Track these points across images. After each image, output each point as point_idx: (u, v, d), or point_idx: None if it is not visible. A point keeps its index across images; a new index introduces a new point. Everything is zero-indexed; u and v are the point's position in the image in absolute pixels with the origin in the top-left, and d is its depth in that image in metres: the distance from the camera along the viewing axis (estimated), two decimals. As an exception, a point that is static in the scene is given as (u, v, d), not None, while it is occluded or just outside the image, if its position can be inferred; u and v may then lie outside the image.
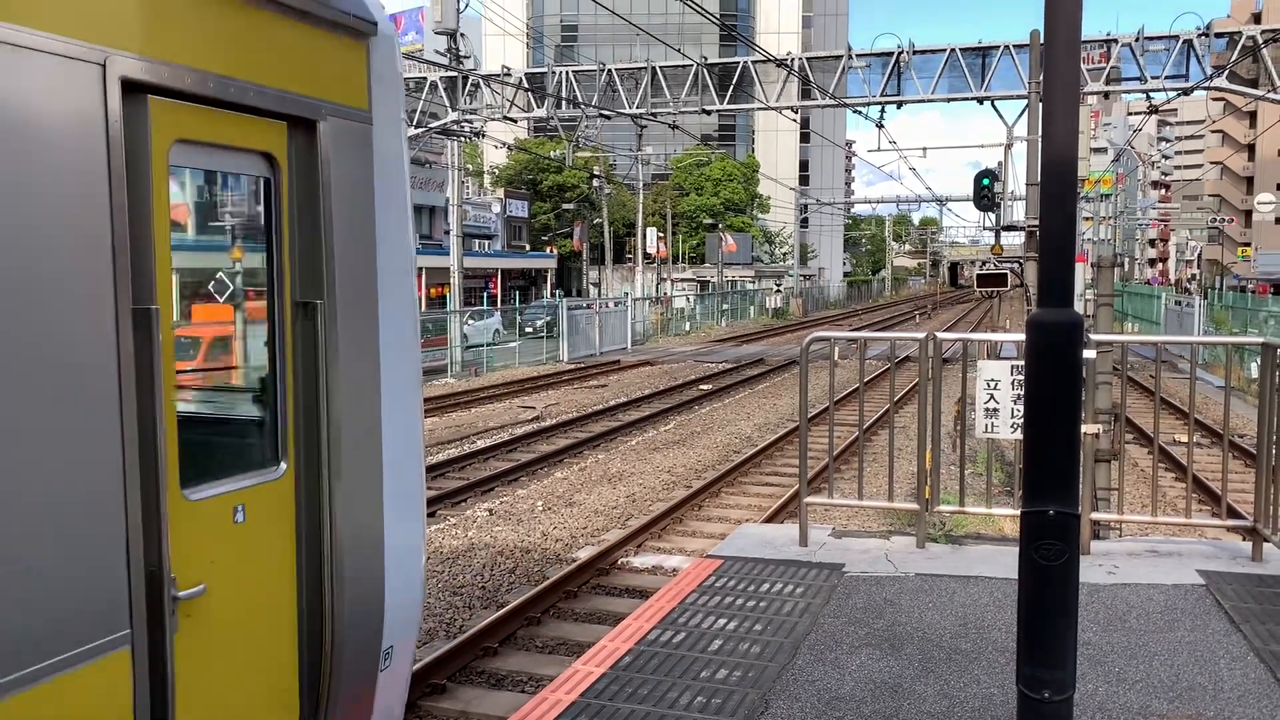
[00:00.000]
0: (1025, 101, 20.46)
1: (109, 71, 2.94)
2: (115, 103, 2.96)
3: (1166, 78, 25.11)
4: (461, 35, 27.60)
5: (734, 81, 28.40)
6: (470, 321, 33.13)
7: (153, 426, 3.09)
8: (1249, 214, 74.04)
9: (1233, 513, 6.97)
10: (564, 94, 29.34)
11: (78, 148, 2.87)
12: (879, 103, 27.33)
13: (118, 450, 2.99)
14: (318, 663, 3.81)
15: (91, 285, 2.90)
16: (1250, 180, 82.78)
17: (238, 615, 3.50)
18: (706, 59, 29.16)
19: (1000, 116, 25.32)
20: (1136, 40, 25.22)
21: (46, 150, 2.80)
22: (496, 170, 70.53)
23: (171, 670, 3.19)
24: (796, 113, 31.75)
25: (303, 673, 3.79)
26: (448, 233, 35.49)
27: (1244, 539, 6.99)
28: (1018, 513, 3.43)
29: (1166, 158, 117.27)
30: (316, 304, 3.70)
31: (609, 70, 28.97)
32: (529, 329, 36.86)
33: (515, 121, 33.53)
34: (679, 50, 24.11)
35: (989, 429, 6.72)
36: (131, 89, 3.02)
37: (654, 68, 28.62)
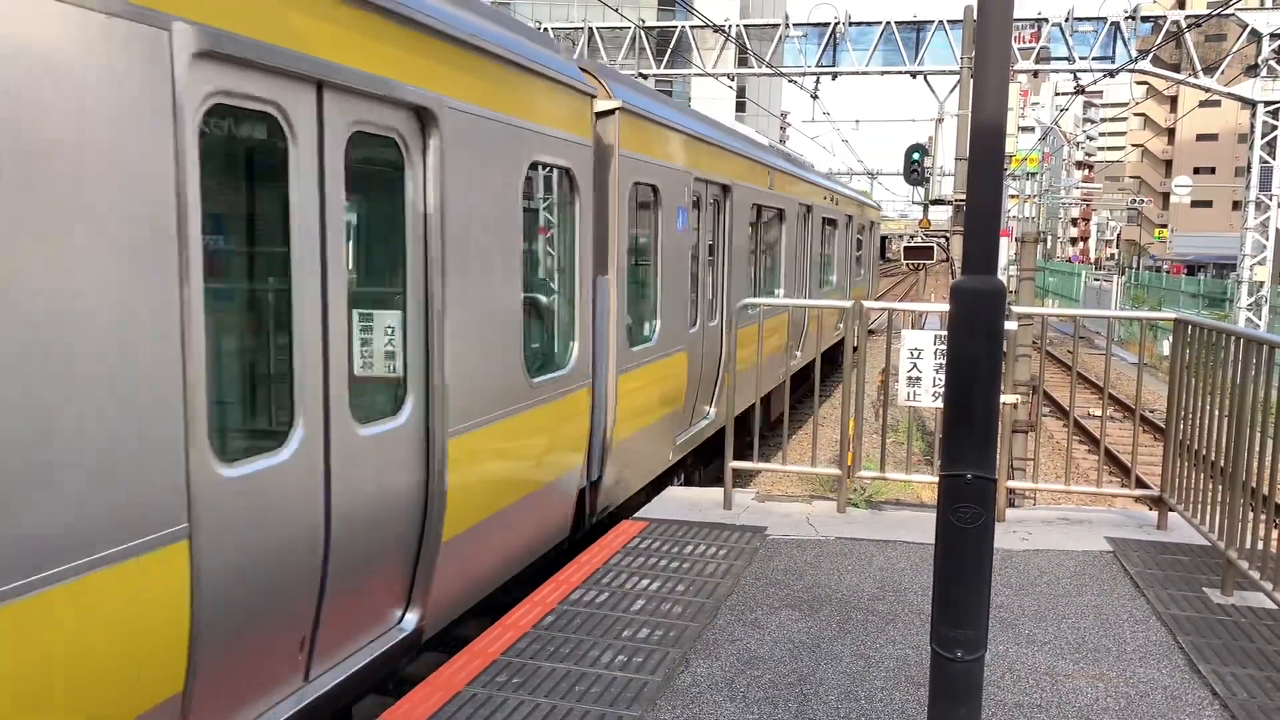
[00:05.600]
0: (957, 77, 20.70)
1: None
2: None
3: (1094, 59, 25.56)
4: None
5: (671, 46, 28.21)
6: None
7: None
8: (1167, 196, 76.14)
9: (1141, 483, 7.21)
10: (500, 52, 28.77)
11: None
12: (814, 73, 27.37)
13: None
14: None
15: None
16: (1169, 164, 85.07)
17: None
18: (645, 22, 28.90)
19: (933, 91, 25.55)
20: (1066, 21, 25.60)
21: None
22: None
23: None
24: (733, 80, 31.68)
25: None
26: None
27: (1150, 508, 7.23)
28: (936, 479, 3.48)
29: (1091, 139, 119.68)
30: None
31: (545, 30, 28.55)
32: None
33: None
34: (617, 11, 23.78)
35: (910, 397, 6.83)
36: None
37: (591, 29, 28.29)
